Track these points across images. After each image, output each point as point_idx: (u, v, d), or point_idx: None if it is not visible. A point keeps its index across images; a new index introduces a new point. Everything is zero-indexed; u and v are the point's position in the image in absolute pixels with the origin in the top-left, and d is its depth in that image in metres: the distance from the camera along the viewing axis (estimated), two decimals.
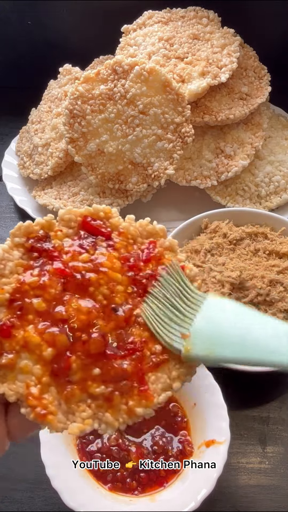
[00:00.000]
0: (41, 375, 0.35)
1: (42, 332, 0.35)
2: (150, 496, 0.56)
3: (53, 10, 1.03)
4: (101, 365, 0.35)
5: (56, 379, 0.35)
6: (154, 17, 0.94)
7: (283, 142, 0.93)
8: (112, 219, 0.40)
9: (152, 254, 0.39)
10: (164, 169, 0.81)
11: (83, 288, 0.37)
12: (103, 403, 0.35)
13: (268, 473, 0.62)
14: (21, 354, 0.35)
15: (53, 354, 0.35)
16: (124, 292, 0.37)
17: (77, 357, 0.35)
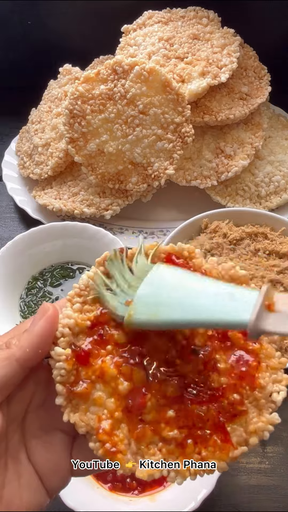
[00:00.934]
0: (114, 409, 0.34)
1: (120, 365, 0.34)
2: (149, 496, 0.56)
3: (53, 10, 1.03)
4: (177, 408, 0.34)
5: (129, 416, 0.34)
6: (154, 17, 0.94)
7: (283, 142, 0.93)
8: (196, 259, 0.39)
9: None
10: (164, 169, 0.81)
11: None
12: (175, 449, 0.34)
13: (268, 473, 0.62)
14: (96, 385, 0.34)
15: (129, 389, 0.34)
16: (205, 334, 0.36)
17: (153, 395, 0.34)
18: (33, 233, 0.74)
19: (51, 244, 0.76)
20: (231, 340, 0.36)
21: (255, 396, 0.35)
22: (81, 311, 0.36)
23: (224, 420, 0.34)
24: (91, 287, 0.37)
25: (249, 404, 0.35)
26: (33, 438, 0.36)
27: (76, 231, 0.75)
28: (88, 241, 0.75)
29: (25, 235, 0.74)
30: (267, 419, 0.34)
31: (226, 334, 0.36)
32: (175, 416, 0.34)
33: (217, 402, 0.34)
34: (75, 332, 0.35)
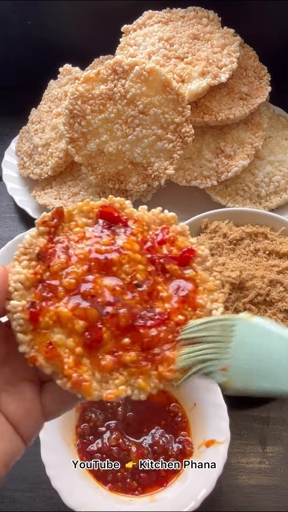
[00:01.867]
0: (75, 346, 0.37)
1: (74, 308, 0.38)
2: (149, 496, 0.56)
3: (53, 10, 1.03)
4: (131, 335, 0.38)
5: (89, 350, 0.38)
6: (154, 17, 0.94)
7: (283, 142, 0.93)
8: (127, 209, 0.44)
9: (166, 237, 0.43)
10: (164, 169, 0.81)
11: (107, 268, 0.40)
12: (134, 371, 0.38)
13: (268, 473, 0.62)
14: (54, 329, 0.38)
15: (85, 327, 0.37)
16: (145, 270, 0.40)
17: (108, 328, 0.38)
18: None
19: None
20: (169, 272, 0.41)
21: (198, 314, 0.40)
22: (29, 267, 0.40)
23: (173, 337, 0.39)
24: (35, 244, 0.41)
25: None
26: (1, 392, 0.38)
27: None
28: None
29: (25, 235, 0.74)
30: None
31: (164, 267, 0.41)
32: (130, 342, 0.38)
33: (165, 324, 0.39)
34: (27, 285, 0.39)
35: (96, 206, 0.43)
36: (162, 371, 0.37)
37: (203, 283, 0.41)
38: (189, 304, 0.40)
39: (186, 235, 0.44)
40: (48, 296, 0.39)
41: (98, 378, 0.37)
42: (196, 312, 0.40)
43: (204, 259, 0.42)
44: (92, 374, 0.37)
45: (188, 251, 0.42)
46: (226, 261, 0.69)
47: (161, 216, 0.45)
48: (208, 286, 0.41)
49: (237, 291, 0.66)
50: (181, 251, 0.42)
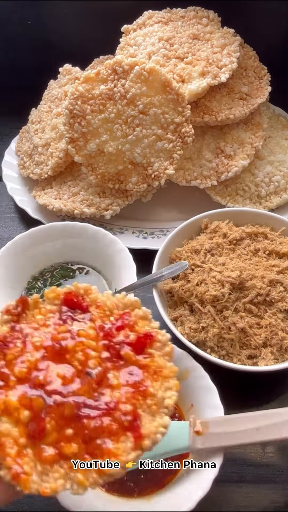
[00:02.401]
0: (19, 437, 0.37)
1: (21, 397, 0.38)
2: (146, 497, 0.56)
3: (53, 10, 1.04)
4: (74, 426, 0.38)
5: (32, 441, 0.38)
6: (154, 17, 0.94)
7: (283, 142, 0.93)
8: (92, 295, 0.45)
9: (125, 322, 0.43)
10: (164, 169, 0.81)
11: (60, 355, 0.41)
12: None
13: (268, 473, 0.62)
14: (2, 418, 0.38)
15: (29, 417, 0.38)
16: (97, 357, 0.41)
17: (52, 418, 0.38)
18: (33, 233, 0.74)
19: (51, 244, 0.76)
20: (124, 358, 0.41)
21: (147, 404, 0.40)
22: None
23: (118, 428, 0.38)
24: None
25: (143, 412, 0.39)
26: None
27: (76, 231, 0.75)
28: (88, 241, 0.75)
29: (25, 235, 0.74)
30: (159, 423, 0.39)
31: (119, 354, 0.41)
32: (73, 433, 0.38)
33: (110, 415, 0.39)
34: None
35: (62, 293, 0.45)
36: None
37: (158, 369, 0.41)
38: (140, 393, 0.40)
39: (148, 319, 0.44)
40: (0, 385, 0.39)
41: (39, 471, 0.37)
42: (146, 401, 0.40)
43: (164, 343, 0.42)
44: (34, 465, 0.37)
45: (145, 337, 0.42)
46: (226, 261, 0.69)
47: (125, 301, 0.45)
48: (164, 373, 0.41)
49: (237, 291, 0.66)
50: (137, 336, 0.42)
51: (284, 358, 0.64)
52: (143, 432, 0.38)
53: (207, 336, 0.63)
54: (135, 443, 0.38)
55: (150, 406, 0.40)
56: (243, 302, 0.65)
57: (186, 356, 0.61)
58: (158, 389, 0.40)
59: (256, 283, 0.66)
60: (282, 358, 0.64)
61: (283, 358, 0.64)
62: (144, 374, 0.41)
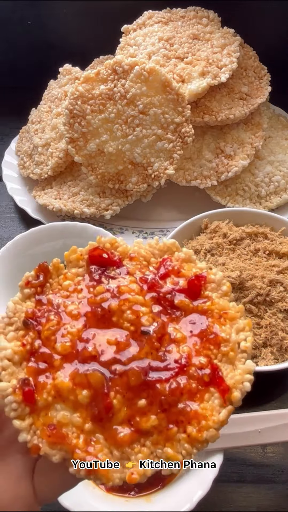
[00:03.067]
0: (82, 423, 0.32)
1: (74, 375, 0.33)
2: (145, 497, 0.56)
3: (53, 10, 1.03)
4: (146, 395, 0.32)
5: (101, 424, 0.32)
6: (154, 17, 0.94)
7: (283, 142, 0.93)
8: (120, 247, 0.39)
9: (169, 269, 0.38)
10: (164, 169, 0.81)
11: (106, 320, 0.35)
12: (158, 438, 0.32)
13: (268, 473, 0.62)
14: (56, 406, 0.32)
15: (90, 396, 0.32)
16: (149, 312, 0.35)
17: (117, 392, 0.32)
18: (33, 233, 0.74)
19: (51, 244, 0.76)
20: (180, 308, 0.36)
21: (223, 352, 0.34)
22: (17, 338, 0.35)
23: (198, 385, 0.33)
24: (20, 310, 0.36)
25: (220, 363, 0.34)
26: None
27: (76, 231, 0.75)
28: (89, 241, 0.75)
29: (25, 235, 0.74)
30: (242, 369, 0.33)
31: (173, 304, 0.36)
32: (147, 403, 0.32)
33: (185, 372, 0.33)
34: (16, 361, 0.34)
35: (85, 252, 0.39)
36: (192, 433, 0.32)
37: (222, 312, 0.36)
38: (210, 341, 0.34)
39: (192, 260, 0.39)
40: (43, 368, 0.33)
41: (117, 456, 0.32)
42: (221, 349, 0.34)
43: (218, 283, 0.37)
44: (110, 452, 0.32)
45: (196, 279, 0.37)
46: (226, 261, 0.69)
47: (159, 246, 0.40)
48: (230, 315, 0.35)
49: (237, 291, 0.66)
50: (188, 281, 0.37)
51: (284, 358, 0.64)
52: (229, 384, 0.33)
53: None
54: (224, 398, 0.33)
55: (226, 353, 0.34)
56: (243, 302, 0.65)
57: None
58: (229, 333, 0.34)
59: (256, 283, 0.66)
60: (282, 358, 0.64)
61: (283, 358, 0.64)
62: (209, 320, 0.35)
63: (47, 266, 0.38)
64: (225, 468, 0.55)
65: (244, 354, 0.34)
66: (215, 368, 0.33)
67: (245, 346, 0.34)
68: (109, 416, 0.32)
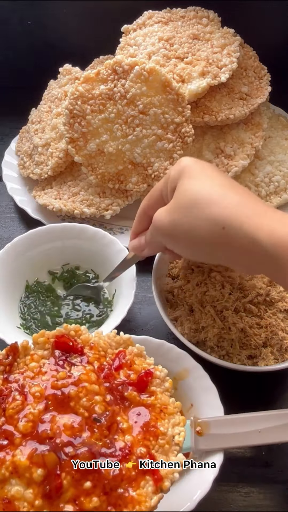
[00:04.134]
0: (34, 499, 0.35)
1: (31, 455, 0.36)
2: None
3: (53, 10, 1.03)
4: (92, 477, 0.36)
5: (50, 501, 0.35)
6: (154, 17, 0.94)
7: (283, 142, 0.93)
8: (83, 335, 0.44)
9: (123, 361, 0.42)
10: (164, 169, 0.81)
11: (64, 404, 0.38)
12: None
13: (268, 473, 0.62)
14: (12, 481, 0.35)
15: (43, 475, 0.35)
16: (103, 401, 0.39)
17: (67, 473, 0.35)
18: (31, 234, 0.74)
19: (50, 245, 0.76)
20: (128, 399, 0.40)
21: (159, 444, 0.39)
22: None
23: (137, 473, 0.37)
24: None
25: (156, 453, 0.38)
26: None
27: (75, 232, 0.75)
28: (88, 242, 0.75)
29: (23, 237, 0.74)
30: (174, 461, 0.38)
31: (123, 395, 0.40)
32: (92, 485, 0.35)
33: (127, 460, 0.37)
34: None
35: (52, 336, 0.43)
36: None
37: (163, 407, 0.40)
38: (150, 433, 0.39)
39: (143, 356, 0.43)
40: (4, 444, 0.36)
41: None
42: (158, 441, 0.39)
43: (162, 380, 0.42)
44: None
45: (145, 375, 0.41)
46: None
47: (116, 339, 0.44)
48: (169, 410, 0.40)
49: (237, 291, 0.66)
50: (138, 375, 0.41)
51: (284, 358, 0.64)
52: (162, 474, 0.37)
53: (207, 336, 0.63)
54: (156, 486, 0.37)
55: (162, 445, 0.39)
56: (243, 302, 0.65)
57: (185, 356, 0.61)
58: (167, 427, 0.39)
59: (256, 283, 0.66)
60: (282, 358, 0.64)
61: (283, 358, 0.64)
62: (151, 414, 0.40)
63: (17, 347, 0.42)
64: (225, 468, 0.55)
65: (176, 447, 0.39)
66: (152, 458, 0.38)
67: (178, 440, 0.39)
68: (58, 495, 0.35)
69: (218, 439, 0.54)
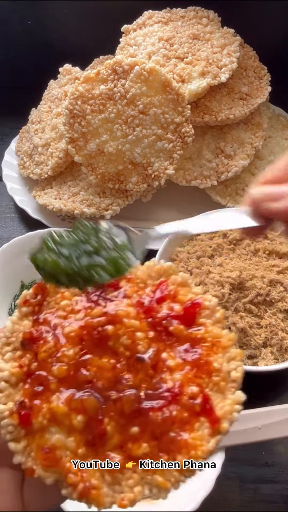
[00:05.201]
0: (76, 447, 0.32)
1: (69, 400, 0.33)
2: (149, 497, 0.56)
3: (53, 10, 1.03)
4: (139, 422, 0.33)
5: (94, 449, 0.33)
6: (154, 17, 0.94)
7: (283, 142, 0.93)
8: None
9: (165, 293, 0.37)
10: (164, 169, 0.81)
11: (102, 344, 0.35)
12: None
13: (268, 473, 0.62)
14: (51, 429, 0.33)
15: (84, 421, 0.32)
16: (146, 338, 0.35)
17: (111, 418, 0.33)
18: (30, 236, 0.74)
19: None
20: (174, 335, 0.35)
21: (214, 381, 0.34)
22: (14, 359, 0.35)
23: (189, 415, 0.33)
24: (17, 330, 0.36)
25: (211, 392, 0.34)
26: None
27: None
28: None
29: (22, 238, 0.74)
30: (232, 399, 0.33)
31: (168, 330, 0.36)
32: (139, 431, 0.32)
33: (177, 401, 0.33)
34: (13, 382, 0.34)
35: None
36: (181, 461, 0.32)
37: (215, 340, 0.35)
38: (202, 370, 0.34)
39: (188, 285, 0.38)
40: (39, 391, 0.33)
41: (109, 481, 0.32)
42: (212, 379, 0.34)
43: (212, 310, 0.37)
44: (102, 476, 0.32)
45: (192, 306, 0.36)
46: (225, 261, 0.69)
47: (156, 269, 0.39)
48: (222, 344, 0.35)
49: (237, 291, 0.66)
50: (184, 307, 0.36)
51: (284, 358, 0.64)
52: (218, 414, 0.33)
53: None
54: (213, 428, 0.33)
55: (217, 383, 0.34)
56: (243, 302, 0.65)
57: None
58: (221, 362, 0.34)
59: (256, 283, 0.66)
60: (282, 358, 0.64)
61: (283, 358, 0.64)
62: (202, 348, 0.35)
63: (45, 285, 0.38)
64: (226, 468, 0.55)
65: (234, 384, 0.34)
66: (206, 398, 0.34)
67: (236, 376, 0.34)
68: (102, 442, 0.32)
69: None
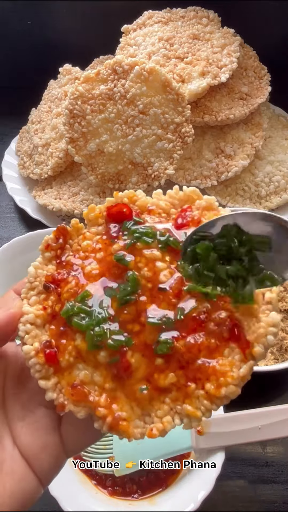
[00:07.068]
0: (103, 381, 0.33)
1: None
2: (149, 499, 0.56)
3: (53, 10, 1.03)
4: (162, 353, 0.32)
5: (121, 382, 0.32)
6: (154, 17, 0.94)
7: (283, 142, 0.93)
8: (138, 200, 0.37)
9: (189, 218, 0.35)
10: (164, 169, 0.81)
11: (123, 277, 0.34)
12: (177, 395, 0.32)
13: (268, 473, 0.62)
14: (78, 366, 0.33)
15: (107, 355, 0.32)
16: (168, 267, 0.34)
17: (134, 350, 0.32)
18: (30, 236, 0.74)
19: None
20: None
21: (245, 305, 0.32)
22: (39, 302, 0.35)
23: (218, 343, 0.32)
24: (40, 274, 0.36)
25: (242, 316, 0.32)
26: (17, 420, 0.34)
27: None
28: None
29: (21, 238, 0.74)
30: (266, 322, 0.31)
31: None
32: (164, 361, 0.32)
33: (203, 328, 0.32)
34: (39, 324, 0.34)
35: (103, 209, 0.37)
36: (210, 390, 0.31)
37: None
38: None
39: (214, 208, 0.35)
40: (64, 330, 0.34)
41: (138, 413, 0.32)
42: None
43: None
44: (131, 409, 0.32)
45: None
46: None
47: (179, 196, 0.37)
48: None
49: None
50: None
51: (284, 358, 0.64)
52: (249, 338, 0.31)
53: None
54: (244, 353, 0.31)
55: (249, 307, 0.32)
56: None
57: None
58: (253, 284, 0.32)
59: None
60: (282, 358, 0.64)
61: (283, 358, 0.64)
62: None
63: (65, 228, 0.37)
64: (225, 468, 0.55)
65: (268, 305, 0.32)
66: (234, 322, 0.32)
67: (269, 297, 0.32)
68: (128, 375, 0.32)
69: (218, 437, 0.54)
